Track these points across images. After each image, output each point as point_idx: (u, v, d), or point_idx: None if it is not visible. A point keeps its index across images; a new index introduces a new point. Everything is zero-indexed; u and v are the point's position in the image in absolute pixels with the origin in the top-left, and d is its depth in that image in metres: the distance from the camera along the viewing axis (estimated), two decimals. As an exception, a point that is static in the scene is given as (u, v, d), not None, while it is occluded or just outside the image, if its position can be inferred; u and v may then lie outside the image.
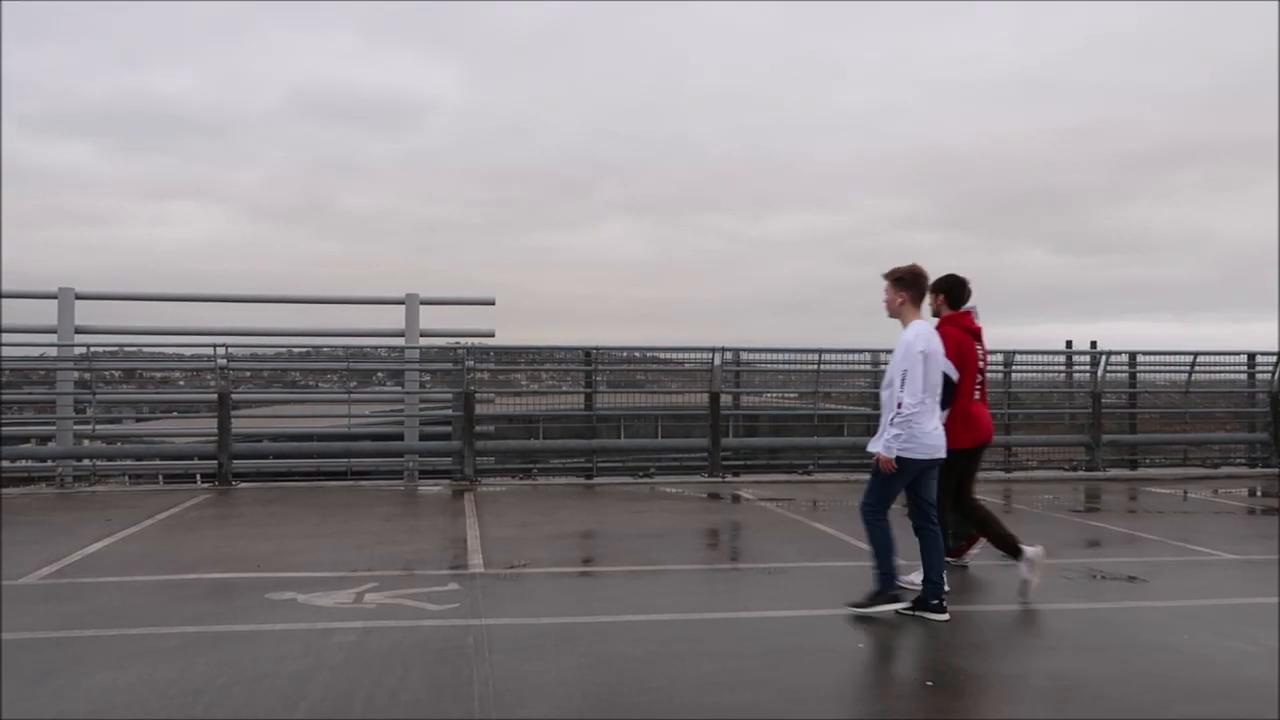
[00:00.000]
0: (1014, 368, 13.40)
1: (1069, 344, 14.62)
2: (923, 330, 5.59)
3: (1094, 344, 14.19)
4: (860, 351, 13.31)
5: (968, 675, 4.47)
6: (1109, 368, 13.44)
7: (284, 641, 4.90)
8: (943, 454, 5.60)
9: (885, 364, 13.27)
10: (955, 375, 6.14)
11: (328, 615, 5.37)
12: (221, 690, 4.17)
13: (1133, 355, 13.90)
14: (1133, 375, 14.07)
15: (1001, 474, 12.98)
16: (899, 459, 5.44)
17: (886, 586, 5.53)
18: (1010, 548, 6.14)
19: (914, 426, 5.44)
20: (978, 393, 6.38)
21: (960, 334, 6.30)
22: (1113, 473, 13.17)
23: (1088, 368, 13.79)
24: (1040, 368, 13.89)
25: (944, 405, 5.96)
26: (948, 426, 5.89)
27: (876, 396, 13.68)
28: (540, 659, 4.63)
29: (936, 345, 5.62)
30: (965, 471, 6.35)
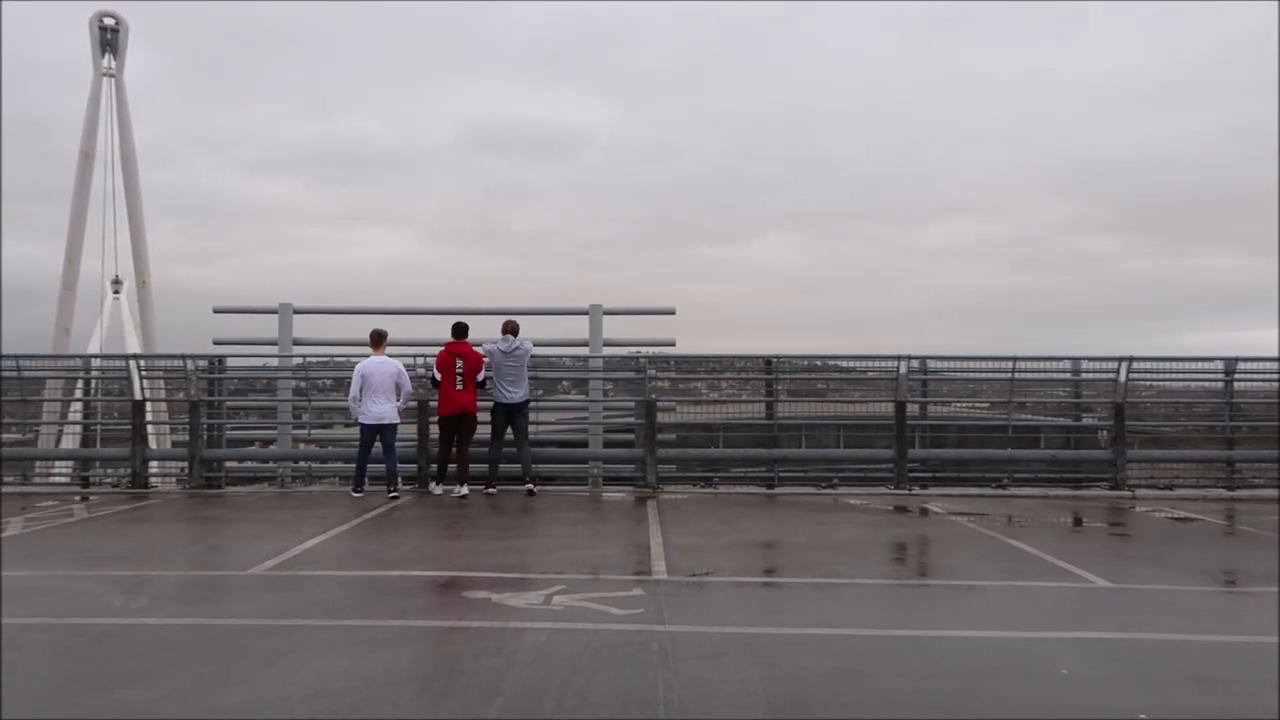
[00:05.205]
0: (1235, 376, 12.24)
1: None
2: (365, 362, 10.61)
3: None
4: (1060, 359, 12.56)
5: (1188, 709, 4.12)
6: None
7: (480, 639, 5.13)
8: (379, 420, 10.50)
9: (1089, 372, 12.56)
10: (439, 376, 10.76)
11: (519, 615, 5.58)
12: (424, 681, 4.41)
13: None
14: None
15: (1224, 491, 11.89)
16: (360, 423, 10.59)
17: (359, 484, 10.85)
18: (439, 472, 11.09)
19: (362, 406, 10.48)
20: (460, 385, 10.73)
21: (444, 354, 10.79)
22: (1358, 493, 11.81)
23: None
24: (1268, 377, 12.60)
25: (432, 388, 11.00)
26: (438, 404, 10.90)
27: (1077, 406, 13.00)
28: (724, 668, 4.63)
29: (373, 369, 10.53)
30: (453, 429, 10.88)
